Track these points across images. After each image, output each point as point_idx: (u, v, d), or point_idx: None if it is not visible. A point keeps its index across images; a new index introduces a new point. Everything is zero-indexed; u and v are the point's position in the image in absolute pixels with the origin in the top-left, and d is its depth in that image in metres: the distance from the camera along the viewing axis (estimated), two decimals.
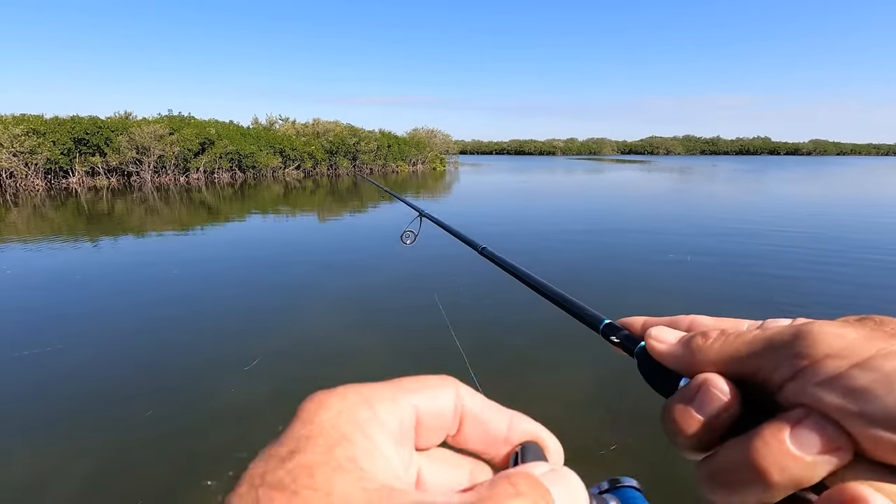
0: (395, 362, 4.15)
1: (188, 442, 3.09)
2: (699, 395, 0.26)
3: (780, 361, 0.24)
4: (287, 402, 3.46)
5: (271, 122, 36.64)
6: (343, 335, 4.77)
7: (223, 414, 3.38)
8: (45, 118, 22.55)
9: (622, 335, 0.36)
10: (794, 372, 0.23)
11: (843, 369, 0.22)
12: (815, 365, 0.23)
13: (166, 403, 3.48)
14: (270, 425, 3.15)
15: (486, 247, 0.75)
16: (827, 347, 0.23)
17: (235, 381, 3.77)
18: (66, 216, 13.76)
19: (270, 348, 4.34)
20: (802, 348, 0.23)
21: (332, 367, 4.05)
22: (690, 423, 0.26)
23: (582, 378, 3.84)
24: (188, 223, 12.59)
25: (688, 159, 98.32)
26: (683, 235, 10.03)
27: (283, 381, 3.82)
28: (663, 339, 0.31)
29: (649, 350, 0.31)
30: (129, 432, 3.17)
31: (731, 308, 5.42)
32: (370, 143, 35.22)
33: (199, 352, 4.40)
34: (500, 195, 21.06)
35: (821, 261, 7.63)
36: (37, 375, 3.89)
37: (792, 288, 6.25)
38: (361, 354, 4.35)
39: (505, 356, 4.27)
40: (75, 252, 8.82)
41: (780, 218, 12.89)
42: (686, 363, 0.29)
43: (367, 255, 8.47)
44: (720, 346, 0.27)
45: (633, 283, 6.60)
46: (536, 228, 11.18)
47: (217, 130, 27.08)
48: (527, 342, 4.53)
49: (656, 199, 18.49)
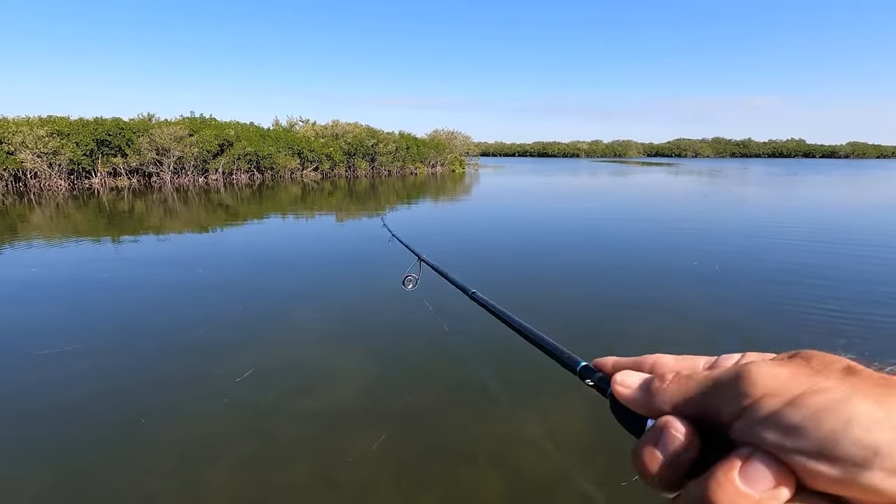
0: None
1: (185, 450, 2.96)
2: (661, 437, 0.28)
3: (727, 400, 0.26)
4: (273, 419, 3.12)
5: (292, 123, 36.77)
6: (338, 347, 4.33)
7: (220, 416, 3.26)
8: (70, 120, 23.00)
9: (596, 377, 0.37)
10: (738, 411, 0.25)
11: (777, 408, 0.23)
12: (754, 404, 0.24)
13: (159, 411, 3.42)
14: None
15: (476, 291, 0.84)
16: (762, 387, 0.24)
17: (226, 392, 3.62)
18: (87, 215, 13.83)
19: (258, 361, 3.94)
20: (742, 388, 0.25)
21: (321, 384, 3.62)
22: (655, 463, 0.28)
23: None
24: (206, 224, 12.46)
25: (717, 162, 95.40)
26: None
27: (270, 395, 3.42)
28: (627, 383, 0.33)
29: (615, 394, 0.33)
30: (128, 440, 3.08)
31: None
32: (388, 145, 35.01)
33: (190, 362, 4.17)
34: (521, 198, 20.42)
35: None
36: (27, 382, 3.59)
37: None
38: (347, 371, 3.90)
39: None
40: (65, 252, 8.67)
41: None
42: (647, 406, 0.31)
43: (370, 266, 8.04)
44: (674, 389, 0.29)
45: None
46: (537, 236, 10.59)
47: (236, 132, 27.23)
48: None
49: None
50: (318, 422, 3.28)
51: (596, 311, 5.62)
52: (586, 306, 5.72)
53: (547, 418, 3.32)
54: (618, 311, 5.56)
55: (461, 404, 3.55)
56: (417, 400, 3.53)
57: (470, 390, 3.72)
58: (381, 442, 3.02)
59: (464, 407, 3.51)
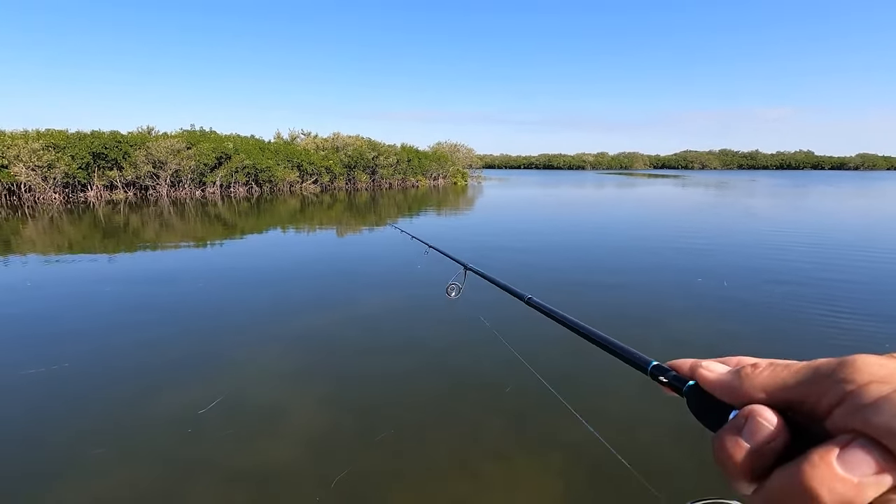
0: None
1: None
2: (747, 425, 0.27)
3: (827, 388, 0.25)
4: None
5: (294, 136, 36.65)
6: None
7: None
8: (67, 133, 22.88)
9: (670, 375, 0.37)
10: (840, 397, 0.24)
11: (887, 393, 0.23)
12: (859, 390, 0.24)
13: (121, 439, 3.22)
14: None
15: (532, 297, 0.79)
16: (869, 375, 0.24)
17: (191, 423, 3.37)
18: (81, 229, 13.48)
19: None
20: (847, 374, 0.25)
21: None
22: (740, 452, 0.27)
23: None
24: (201, 237, 12.05)
25: (724, 174, 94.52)
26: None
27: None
28: (713, 369, 0.33)
29: (700, 379, 0.33)
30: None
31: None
32: (389, 158, 34.75)
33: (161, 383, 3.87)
34: (522, 212, 19.91)
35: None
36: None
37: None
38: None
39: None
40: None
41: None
42: (735, 391, 0.30)
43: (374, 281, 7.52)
44: (768, 375, 0.29)
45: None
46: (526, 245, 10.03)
47: (235, 145, 27.06)
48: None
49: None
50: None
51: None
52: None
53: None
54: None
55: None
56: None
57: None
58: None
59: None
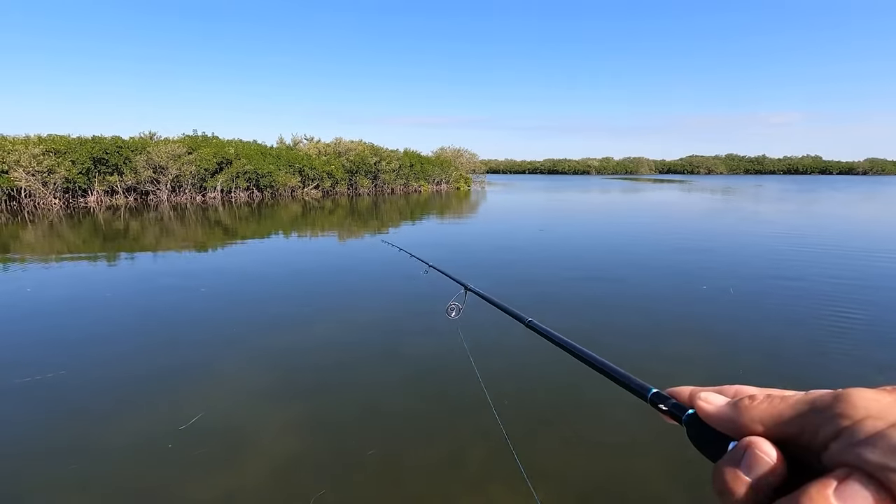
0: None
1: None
2: (746, 458, 0.27)
3: (823, 422, 0.25)
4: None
5: (296, 141, 36.59)
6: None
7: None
8: (68, 138, 22.87)
9: (670, 403, 0.37)
10: (836, 432, 0.25)
11: (882, 429, 0.23)
12: (855, 425, 0.24)
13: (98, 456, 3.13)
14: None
15: (532, 320, 0.77)
16: (865, 410, 0.24)
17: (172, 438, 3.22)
18: (80, 234, 13.33)
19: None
20: (843, 409, 0.25)
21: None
22: (739, 485, 0.27)
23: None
24: (195, 243, 11.84)
25: (731, 179, 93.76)
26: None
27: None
28: (712, 401, 0.32)
29: (699, 411, 0.33)
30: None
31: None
32: (392, 163, 34.58)
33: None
34: (525, 219, 19.63)
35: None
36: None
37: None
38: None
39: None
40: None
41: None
42: (733, 423, 0.30)
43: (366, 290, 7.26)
44: (766, 407, 0.29)
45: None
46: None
47: (236, 149, 26.99)
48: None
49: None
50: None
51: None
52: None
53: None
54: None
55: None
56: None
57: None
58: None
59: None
